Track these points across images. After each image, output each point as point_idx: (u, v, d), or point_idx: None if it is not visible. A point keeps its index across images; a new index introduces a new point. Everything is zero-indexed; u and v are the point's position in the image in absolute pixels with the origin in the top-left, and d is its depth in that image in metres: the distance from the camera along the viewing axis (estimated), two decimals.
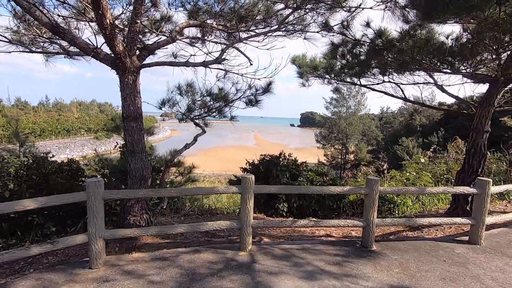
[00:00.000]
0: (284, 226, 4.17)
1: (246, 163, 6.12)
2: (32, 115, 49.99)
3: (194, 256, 3.51)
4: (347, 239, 4.36)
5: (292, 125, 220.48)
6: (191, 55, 4.59)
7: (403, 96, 5.65)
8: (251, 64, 4.61)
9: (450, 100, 54.88)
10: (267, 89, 5.10)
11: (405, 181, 6.86)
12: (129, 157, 3.88)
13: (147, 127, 5.68)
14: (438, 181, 7.13)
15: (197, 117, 5.18)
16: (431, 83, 5.65)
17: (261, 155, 5.96)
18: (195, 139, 4.94)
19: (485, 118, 4.44)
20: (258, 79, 4.82)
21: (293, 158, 6.07)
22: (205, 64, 4.28)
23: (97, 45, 3.56)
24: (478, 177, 4.46)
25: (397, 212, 5.79)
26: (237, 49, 4.57)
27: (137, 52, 3.85)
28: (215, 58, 4.30)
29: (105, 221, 3.34)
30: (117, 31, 3.56)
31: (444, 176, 7.25)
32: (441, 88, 5.48)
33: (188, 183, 6.25)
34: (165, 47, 4.19)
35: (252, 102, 5.20)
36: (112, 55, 3.60)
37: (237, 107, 5.31)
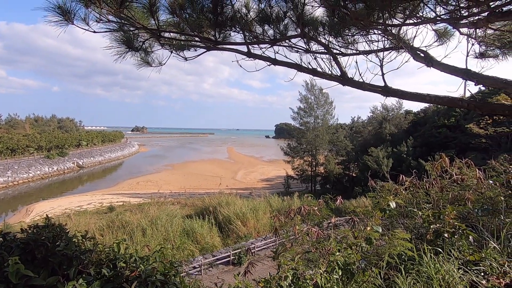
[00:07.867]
0: None
1: None
2: None
3: None
4: None
5: (267, 136, 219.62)
6: None
7: (339, 74, 2.37)
8: None
9: (416, 108, 55.02)
10: None
11: (363, 246, 3.52)
12: None
13: None
14: (420, 239, 3.89)
15: None
16: (397, 48, 2.44)
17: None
18: None
19: None
20: None
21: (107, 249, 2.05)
22: None
23: None
24: None
25: None
26: None
27: None
28: None
29: None
30: None
31: (431, 227, 4.03)
32: (426, 54, 2.27)
33: None
34: None
35: None
36: None
37: None
